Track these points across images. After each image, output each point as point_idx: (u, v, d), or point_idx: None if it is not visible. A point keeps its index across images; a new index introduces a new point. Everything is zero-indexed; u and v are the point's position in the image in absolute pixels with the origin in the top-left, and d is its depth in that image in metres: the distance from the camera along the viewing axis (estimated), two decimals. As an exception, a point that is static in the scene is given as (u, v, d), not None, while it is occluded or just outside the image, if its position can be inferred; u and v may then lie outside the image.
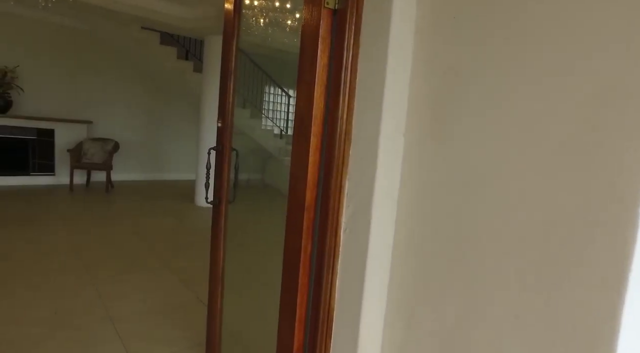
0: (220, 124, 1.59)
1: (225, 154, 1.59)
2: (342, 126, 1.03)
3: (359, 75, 1.01)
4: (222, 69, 1.59)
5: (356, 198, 1.02)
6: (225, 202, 1.64)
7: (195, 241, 3.99)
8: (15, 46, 5.73)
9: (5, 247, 3.34)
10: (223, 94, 1.58)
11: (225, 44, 1.56)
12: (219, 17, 4.68)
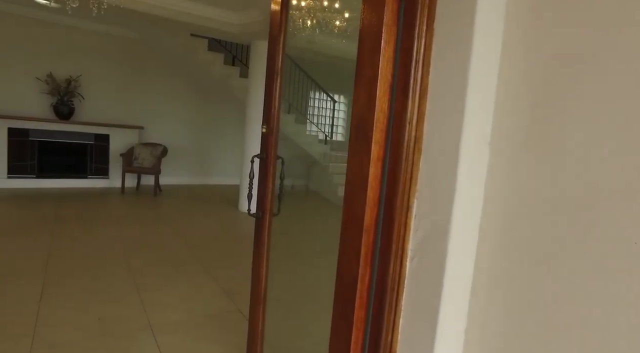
0: (264, 130, 1.46)
1: (269, 163, 1.45)
2: (410, 132, 0.85)
3: (433, 70, 0.83)
4: (267, 70, 1.46)
5: (427, 221, 0.83)
6: (269, 214, 1.50)
7: (238, 249, 3.93)
8: (78, 57, 6.05)
9: (62, 247, 3.44)
10: (268, 96, 1.45)
11: (271, 44, 1.43)
12: (265, 22, 4.65)
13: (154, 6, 4.41)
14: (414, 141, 0.85)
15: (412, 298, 0.87)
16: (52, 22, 5.82)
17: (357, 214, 0.92)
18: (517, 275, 0.75)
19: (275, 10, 1.40)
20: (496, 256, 0.79)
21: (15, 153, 5.72)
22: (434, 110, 0.82)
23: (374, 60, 0.87)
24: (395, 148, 0.87)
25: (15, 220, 4.22)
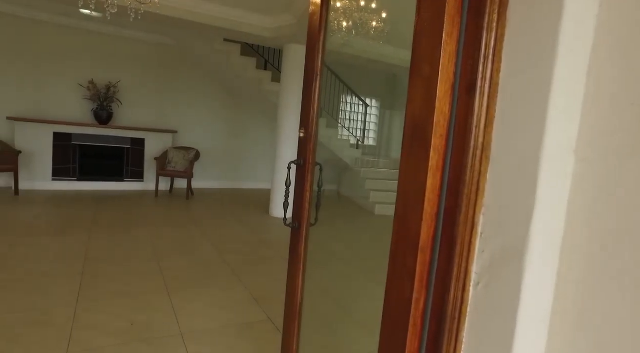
0: (302, 134, 1.37)
1: (307, 170, 1.37)
2: (477, 138, 0.74)
3: (506, 66, 0.71)
4: (306, 71, 1.37)
5: (497, 242, 0.72)
6: (306, 225, 1.41)
7: (269, 255, 3.87)
8: (118, 63, 6.25)
9: (98, 248, 3.50)
10: (307, 99, 1.36)
11: (310, 43, 1.34)
12: (298, 25, 4.61)
13: (189, 12, 4.47)
14: (481, 148, 0.73)
15: (476, 330, 0.76)
16: (94, 31, 6.03)
17: (412, 230, 0.81)
18: (610, 315, 0.62)
19: (315, 7, 1.32)
20: (584, 289, 0.66)
21: (59, 156, 5.95)
22: (507, 112, 0.71)
23: (434, 56, 0.77)
24: (457, 156, 0.76)
25: (58, 222, 4.36)
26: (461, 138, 0.75)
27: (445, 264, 0.78)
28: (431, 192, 0.78)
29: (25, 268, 3.02)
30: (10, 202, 5.00)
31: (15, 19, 5.64)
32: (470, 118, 0.74)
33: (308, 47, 1.35)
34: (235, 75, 6.43)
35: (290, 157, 5.42)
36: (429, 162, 0.77)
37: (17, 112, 5.77)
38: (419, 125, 0.80)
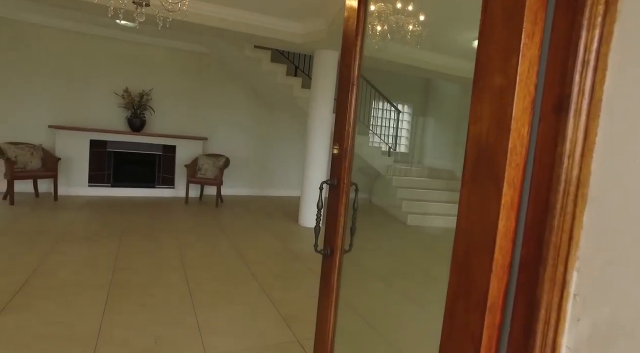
0: (336, 151, 1.22)
1: (342, 191, 1.21)
2: (569, 171, 0.56)
3: (612, 76, 0.54)
4: (340, 80, 1.23)
5: (602, 311, 0.54)
6: (339, 252, 1.26)
7: (298, 269, 3.74)
8: (151, 72, 6.36)
9: (126, 258, 3.49)
10: (341, 112, 1.21)
11: (346, 48, 1.20)
12: (329, 30, 4.49)
13: (220, 19, 4.45)
14: (576, 184, 0.56)
15: None
16: (129, 40, 6.17)
17: (478, 282, 0.64)
18: None
19: (351, 12, 1.18)
20: None
21: (94, 163, 6.10)
22: (614, 137, 0.53)
23: (508, 64, 0.60)
24: (540, 192, 0.59)
25: (91, 228, 4.41)
26: (545, 169, 0.58)
27: (522, 331, 0.61)
28: (503, 237, 0.61)
29: (57, 277, 3.02)
30: (50, 208, 5.14)
31: (57, 32, 5.84)
32: (560, 144, 0.56)
33: (343, 54, 1.21)
34: (265, 82, 6.40)
35: (320, 165, 5.29)
36: (501, 199, 0.60)
37: (58, 120, 5.96)
38: (486, 151, 0.63)
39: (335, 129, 1.24)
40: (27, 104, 5.83)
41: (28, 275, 3.00)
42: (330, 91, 5.28)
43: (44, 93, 5.88)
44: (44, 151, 5.65)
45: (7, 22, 5.62)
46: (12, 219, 4.47)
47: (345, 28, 1.22)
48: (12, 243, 3.71)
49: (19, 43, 5.70)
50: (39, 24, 5.73)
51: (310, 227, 5.35)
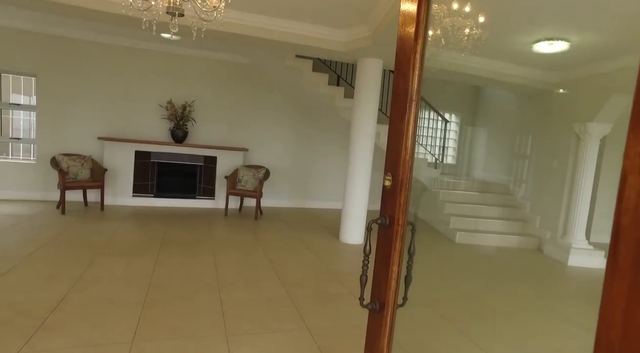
0: (388, 182, 0.98)
1: (396, 233, 0.97)
2: None
3: None
4: (395, 96, 0.99)
5: None
6: (391, 308, 1.01)
7: (338, 292, 3.48)
8: (193, 83, 6.43)
9: (163, 274, 3.41)
10: (396, 133, 0.97)
11: (401, 59, 0.96)
12: (374, 37, 4.25)
13: (260, 29, 4.35)
14: None
15: None
16: (173, 53, 6.27)
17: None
18: None
19: (407, 17, 0.94)
20: None
21: (139, 174, 6.21)
22: None
23: None
24: None
25: (131, 240, 4.42)
26: None
27: None
28: None
29: (94, 292, 2.98)
30: (95, 218, 5.25)
31: (106, 47, 6.04)
32: None
33: (399, 62, 0.97)
34: (307, 92, 6.25)
35: (363, 178, 5.03)
36: None
37: (106, 132, 6.14)
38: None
39: (387, 155, 1.00)
40: (79, 117, 6.05)
41: (67, 290, 2.98)
42: (375, 101, 5.02)
43: (94, 106, 6.09)
44: (93, 162, 5.82)
45: (60, 40, 5.88)
46: (61, 229, 4.57)
47: (401, 32, 0.98)
48: (58, 254, 3.75)
49: (71, 60, 5.94)
50: (89, 41, 5.96)
51: (352, 243, 5.09)
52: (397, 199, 0.95)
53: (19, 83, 6.24)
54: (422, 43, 0.91)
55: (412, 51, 0.92)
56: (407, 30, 0.94)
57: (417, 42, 0.91)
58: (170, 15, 2.05)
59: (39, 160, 5.97)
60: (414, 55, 0.92)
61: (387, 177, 0.99)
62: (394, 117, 0.98)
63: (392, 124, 0.99)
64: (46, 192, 6.01)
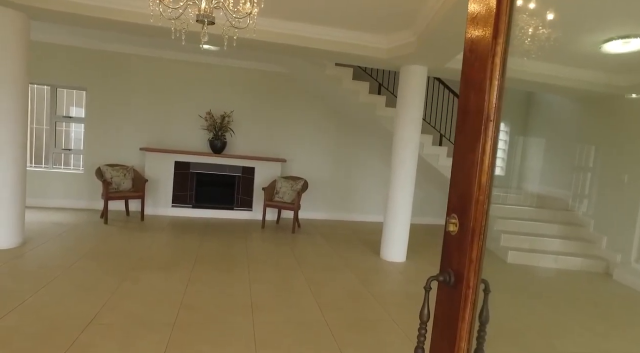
0: (454, 227, 0.74)
1: (464, 296, 0.72)
2: None
3: None
4: (463, 112, 0.75)
5: None
6: (456, 396, 0.75)
7: (378, 317, 3.20)
8: (232, 94, 6.42)
9: (195, 292, 3.29)
10: (465, 167, 0.73)
11: (474, 59, 0.72)
12: (418, 43, 3.98)
13: (296, 36, 4.20)
14: None
15: None
16: (212, 63, 6.30)
17: None
18: None
19: (486, 15, 0.70)
20: None
21: (178, 184, 6.25)
22: None
23: None
24: None
25: (166, 253, 4.38)
26: None
27: None
28: None
29: (125, 310, 2.90)
30: (135, 228, 5.30)
31: (146, 59, 6.17)
32: None
33: (467, 73, 0.73)
34: (347, 101, 6.05)
35: (406, 191, 4.71)
36: None
37: (148, 142, 6.25)
38: None
39: (452, 190, 0.76)
40: (123, 128, 6.21)
41: (100, 306, 2.92)
42: (419, 110, 4.72)
43: (137, 117, 6.22)
44: (135, 172, 5.92)
45: (107, 55, 6.07)
46: (102, 240, 4.63)
47: (471, 31, 0.74)
48: (96, 266, 3.76)
49: (117, 73, 6.11)
50: (133, 54, 6.10)
51: (393, 261, 4.78)
52: (466, 252, 0.71)
53: (74, 97, 6.51)
54: (504, 43, 0.67)
55: (489, 54, 0.68)
56: (480, 27, 0.71)
57: (497, 41, 0.67)
58: (201, 24, 1.93)
59: (86, 170, 6.17)
60: (491, 60, 0.68)
61: (452, 220, 0.75)
62: (462, 144, 0.74)
63: (458, 152, 0.75)
64: (92, 201, 6.19)
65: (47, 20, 4.15)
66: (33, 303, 2.89)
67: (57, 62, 5.95)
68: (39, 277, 3.39)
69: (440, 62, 4.42)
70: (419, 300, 3.16)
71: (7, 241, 4.09)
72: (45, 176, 6.11)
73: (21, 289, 3.12)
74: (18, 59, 3.98)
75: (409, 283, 4.05)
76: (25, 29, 4.03)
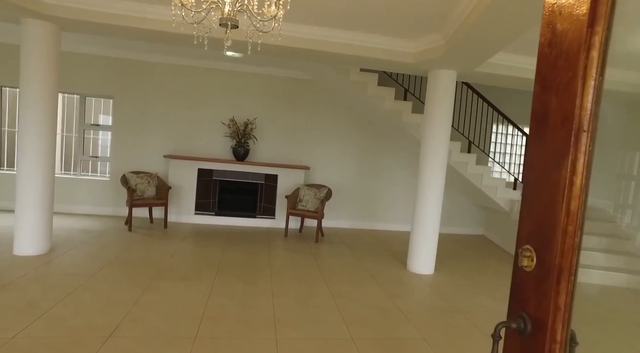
0: (528, 262, 0.59)
1: (547, 350, 0.57)
2: None
3: None
4: (539, 118, 0.61)
5: None
6: None
7: (407, 335, 3.02)
8: (255, 101, 6.38)
9: (217, 304, 3.20)
10: (546, 189, 0.59)
11: (555, 57, 0.58)
12: (448, 47, 3.81)
13: (321, 41, 4.10)
14: None
15: None
16: (235, 70, 6.29)
17: None
18: None
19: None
20: None
21: (201, 191, 6.24)
22: None
23: None
24: None
25: (188, 263, 4.33)
26: None
27: None
28: None
29: (147, 322, 2.84)
30: (158, 236, 5.29)
31: (170, 67, 6.21)
32: None
33: (547, 71, 0.59)
34: (372, 107, 5.90)
35: (435, 199, 4.51)
36: None
37: (172, 150, 6.28)
38: None
39: (524, 215, 0.61)
40: (147, 135, 6.26)
41: (122, 317, 2.87)
42: (448, 116, 4.53)
43: (161, 125, 6.27)
44: (159, 179, 5.94)
45: (133, 64, 6.15)
46: (125, 248, 4.63)
47: (549, 20, 0.60)
48: (119, 275, 3.73)
49: (142, 81, 6.18)
50: (157, 62, 6.16)
51: (421, 273, 4.58)
52: (549, 296, 0.56)
53: (102, 105, 6.63)
54: (603, 31, 0.53)
55: (581, 48, 0.54)
56: (567, 14, 0.56)
57: (594, 30, 0.53)
58: (224, 28, 1.85)
59: (112, 177, 6.24)
60: (585, 55, 0.54)
61: (526, 254, 0.61)
62: (540, 159, 0.60)
63: (533, 168, 0.61)
64: (117, 208, 6.24)
65: (77, 30, 4.21)
66: (57, 313, 2.87)
67: (86, 71, 6.07)
68: (64, 285, 3.39)
69: (470, 66, 4.23)
70: (451, 318, 2.98)
71: (36, 248, 4.13)
72: (73, 183, 6.22)
73: (46, 297, 3.11)
74: (50, 70, 4.05)
75: (439, 298, 3.84)
76: (57, 40, 4.10)
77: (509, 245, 6.02)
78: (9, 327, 2.61)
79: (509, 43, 3.43)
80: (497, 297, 4.05)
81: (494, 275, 4.82)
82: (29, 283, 3.37)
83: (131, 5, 3.77)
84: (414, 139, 5.75)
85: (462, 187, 6.38)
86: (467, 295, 4.01)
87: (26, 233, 4.09)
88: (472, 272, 4.82)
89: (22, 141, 4.03)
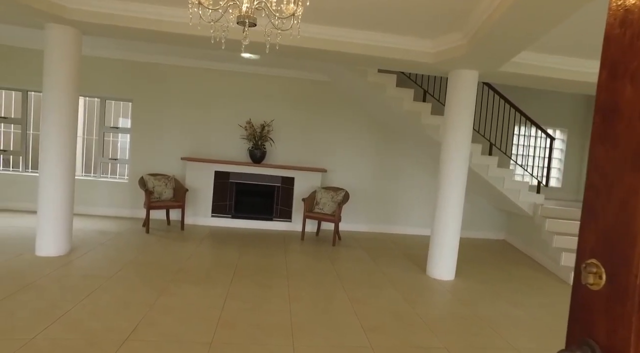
0: (596, 279, 0.51)
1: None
2: None
3: None
4: (610, 114, 0.52)
5: None
6: None
7: (428, 344, 2.91)
8: (272, 103, 6.36)
9: (233, 309, 3.16)
10: (620, 186, 0.50)
11: (630, 37, 0.49)
12: (469, 46, 3.70)
13: (338, 42, 4.04)
14: None
15: None
16: (252, 73, 6.28)
17: None
18: None
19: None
20: None
21: (218, 194, 6.24)
22: None
23: None
24: None
25: (205, 266, 4.31)
26: None
27: None
28: None
29: (162, 326, 2.81)
30: (175, 238, 5.30)
31: (187, 70, 6.24)
32: None
33: (618, 58, 0.50)
34: (390, 109, 5.80)
35: (455, 203, 4.38)
36: None
37: (189, 152, 6.31)
38: None
39: (587, 224, 0.53)
40: (165, 138, 6.30)
41: (138, 321, 2.85)
42: (469, 117, 4.40)
43: (178, 127, 6.30)
44: (176, 181, 5.96)
45: (151, 67, 6.21)
46: (143, 250, 4.64)
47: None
48: (136, 278, 3.73)
49: (160, 84, 6.23)
50: (175, 65, 6.20)
51: (441, 279, 4.44)
52: (628, 322, 0.47)
53: (121, 108, 6.71)
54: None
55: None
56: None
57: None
58: (242, 26, 1.81)
59: (130, 179, 6.30)
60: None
61: (592, 269, 0.52)
62: (609, 159, 0.51)
63: (599, 170, 0.52)
64: (135, 210, 6.29)
65: (97, 34, 4.25)
66: (75, 315, 2.87)
67: (106, 74, 6.15)
68: (82, 287, 3.40)
69: (493, 65, 4.10)
70: (473, 326, 2.85)
71: (56, 249, 4.17)
72: (93, 185, 6.30)
73: (65, 299, 3.12)
74: (71, 73, 4.10)
75: (461, 305, 3.71)
76: (78, 44, 4.15)
77: (532, 250, 5.81)
78: (29, 328, 2.62)
79: (536, 41, 3.29)
80: (521, 304, 3.89)
81: (517, 281, 4.65)
82: (49, 284, 3.40)
83: (147, 7, 3.79)
84: (433, 141, 5.62)
85: (483, 190, 6.21)
86: (489, 302, 3.87)
87: (48, 235, 4.14)
88: (494, 278, 4.66)
89: (44, 143, 4.08)
